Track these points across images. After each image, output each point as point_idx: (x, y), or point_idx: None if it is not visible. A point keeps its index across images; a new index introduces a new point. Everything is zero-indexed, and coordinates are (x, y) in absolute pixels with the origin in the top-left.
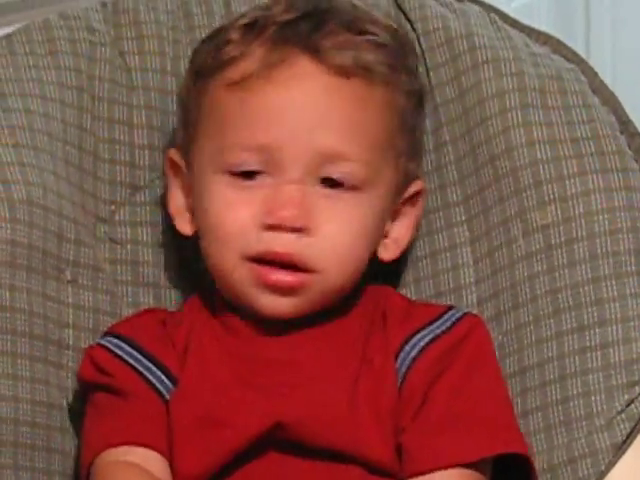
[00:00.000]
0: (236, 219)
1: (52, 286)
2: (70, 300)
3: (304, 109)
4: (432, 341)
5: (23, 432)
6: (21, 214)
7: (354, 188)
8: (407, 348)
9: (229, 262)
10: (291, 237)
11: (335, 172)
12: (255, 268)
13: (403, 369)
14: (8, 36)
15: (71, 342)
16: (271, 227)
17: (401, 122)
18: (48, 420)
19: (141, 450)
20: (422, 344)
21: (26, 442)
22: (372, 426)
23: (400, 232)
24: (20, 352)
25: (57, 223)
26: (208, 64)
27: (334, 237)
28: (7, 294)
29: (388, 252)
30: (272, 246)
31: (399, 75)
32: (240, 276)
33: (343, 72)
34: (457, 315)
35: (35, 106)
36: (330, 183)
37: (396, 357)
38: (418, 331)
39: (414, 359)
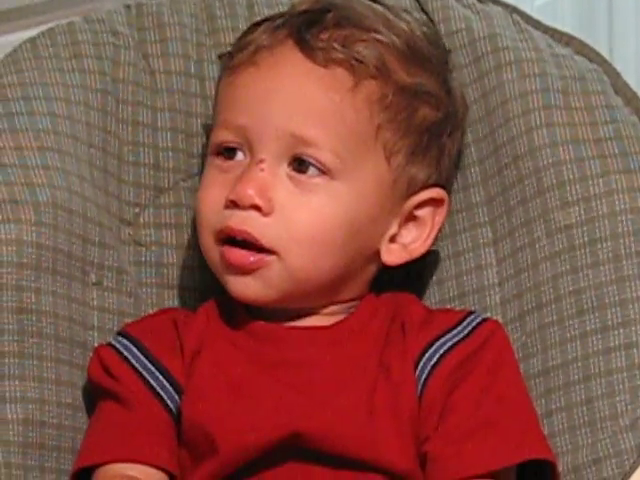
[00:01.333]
0: (209, 199)
1: (77, 289)
2: (95, 302)
3: (281, 93)
4: (452, 348)
5: (49, 434)
6: (46, 217)
7: (326, 176)
8: (427, 356)
9: (207, 246)
10: (249, 214)
11: (305, 155)
12: (220, 249)
13: (423, 377)
14: (32, 39)
15: (96, 344)
16: (231, 203)
17: (392, 118)
18: (74, 422)
19: (141, 467)
20: (442, 351)
21: (52, 444)
22: (392, 435)
23: (411, 239)
24: (46, 355)
25: (82, 226)
26: (229, 53)
27: (293, 220)
28: (33, 297)
29: (392, 256)
30: (228, 222)
31: (400, 74)
32: (214, 260)
33: (327, 61)
34: (476, 321)
35: (60, 109)
36: (300, 166)
37: (416, 365)
38: (437, 338)
39: (434, 366)
